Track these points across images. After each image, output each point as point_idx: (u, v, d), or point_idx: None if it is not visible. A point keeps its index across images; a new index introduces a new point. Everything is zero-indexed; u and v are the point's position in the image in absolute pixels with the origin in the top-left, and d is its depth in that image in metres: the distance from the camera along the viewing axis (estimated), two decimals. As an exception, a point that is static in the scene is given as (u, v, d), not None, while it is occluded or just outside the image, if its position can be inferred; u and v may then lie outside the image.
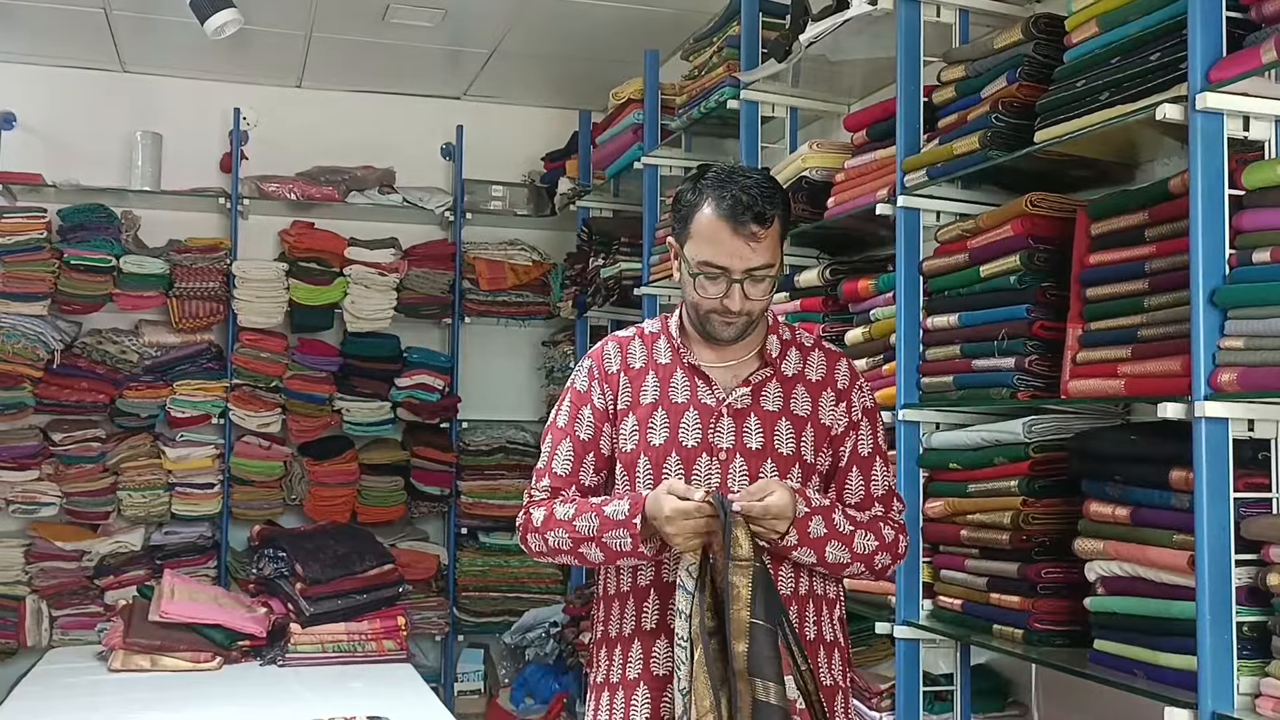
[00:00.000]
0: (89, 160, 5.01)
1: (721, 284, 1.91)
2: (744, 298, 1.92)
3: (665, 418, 1.98)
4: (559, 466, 2.05)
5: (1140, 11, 2.11)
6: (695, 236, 1.94)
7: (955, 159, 2.52)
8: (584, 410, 2.06)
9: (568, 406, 2.08)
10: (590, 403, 2.06)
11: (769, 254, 1.92)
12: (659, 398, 2.01)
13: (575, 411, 2.07)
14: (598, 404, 2.05)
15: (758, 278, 1.92)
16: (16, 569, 4.73)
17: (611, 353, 2.09)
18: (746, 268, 1.90)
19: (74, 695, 3.22)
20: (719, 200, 1.91)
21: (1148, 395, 2.07)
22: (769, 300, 1.98)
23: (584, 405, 2.06)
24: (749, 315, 1.95)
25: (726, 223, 1.89)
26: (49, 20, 4.50)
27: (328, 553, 3.77)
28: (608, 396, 2.05)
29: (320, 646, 3.60)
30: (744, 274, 1.90)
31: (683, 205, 1.97)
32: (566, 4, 4.28)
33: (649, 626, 1.98)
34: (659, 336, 2.07)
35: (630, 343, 2.09)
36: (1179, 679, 1.97)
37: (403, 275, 5.19)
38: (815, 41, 3.04)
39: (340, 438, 5.12)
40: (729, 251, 1.90)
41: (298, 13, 4.41)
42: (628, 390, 2.04)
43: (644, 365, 2.05)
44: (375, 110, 5.38)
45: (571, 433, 2.06)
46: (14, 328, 4.71)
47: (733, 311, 1.93)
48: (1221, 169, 1.94)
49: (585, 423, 2.05)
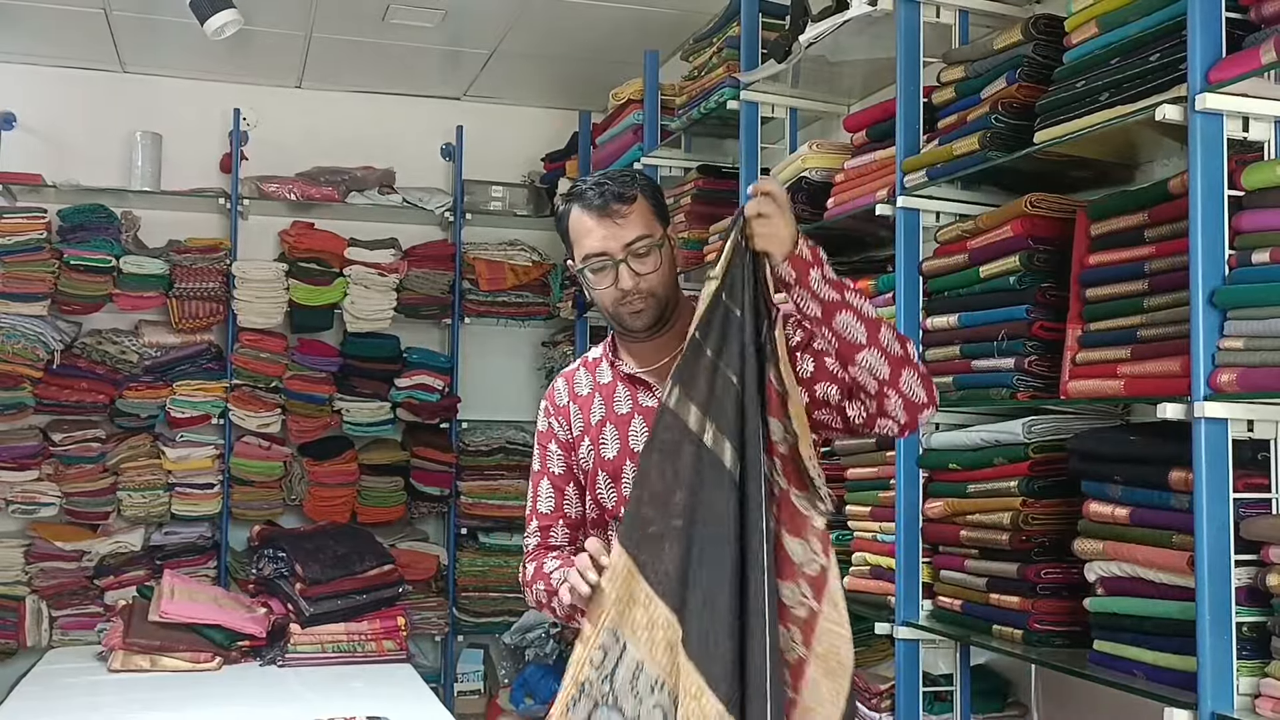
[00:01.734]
0: (89, 160, 5.01)
1: (609, 272, 1.95)
2: (633, 274, 1.94)
3: (614, 430, 2.04)
4: (543, 506, 2.13)
5: (1140, 12, 2.11)
6: (575, 241, 1.99)
7: (955, 159, 2.52)
8: (550, 446, 2.13)
9: (538, 450, 2.16)
10: (554, 438, 2.13)
11: (640, 227, 1.95)
12: (605, 414, 2.06)
13: (544, 452, 2.14)
14: (560, 436, 2.12)
15: (638, 252, 1.94)
16: (16, 569, 4.73)
17: (560, 388, 2.15)
18: (623, 244, 1.94)
19: (74, 695, 3.23)
20: (580, 199, 1.98)
21: (1147, 396, 2.07)
22: (668, 277, 1.99)
23: (549, 442, 2.13)
24: (651, 295, 1.96)
25: (591, 213, 1.95)
26: (49, 20, 4.50)
27: (328, 553, 3.77)
28: (563, 428, 2.11)
29: (320, 647, 3.60)
30: (623, 251, 1.94)
31: (560, 225, 2.04)
32: (566, 4, 4.28)
33: None
34: (600, 360, 2.12)
35: (575, 374, 2.15)
36: (1179, 679, 1.97)
37: (403, 275, 5.19)
38: (815, 42, 3.04)
39: (340, 438, 5.12)
40: (602, 235, 1.94)
41: (298, 13, 4.42)
42: (579, 416, 2.09)
43: (590, 390, 2.11)
44: (375, 110, 5.38)
45: (547, 471, 2.13)
46: (14, 328, 4.71)
47: (628, 292, 1.94)
48: (1221, 170, 1.94)
49: (555, 458, 2.12)
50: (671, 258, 2.01)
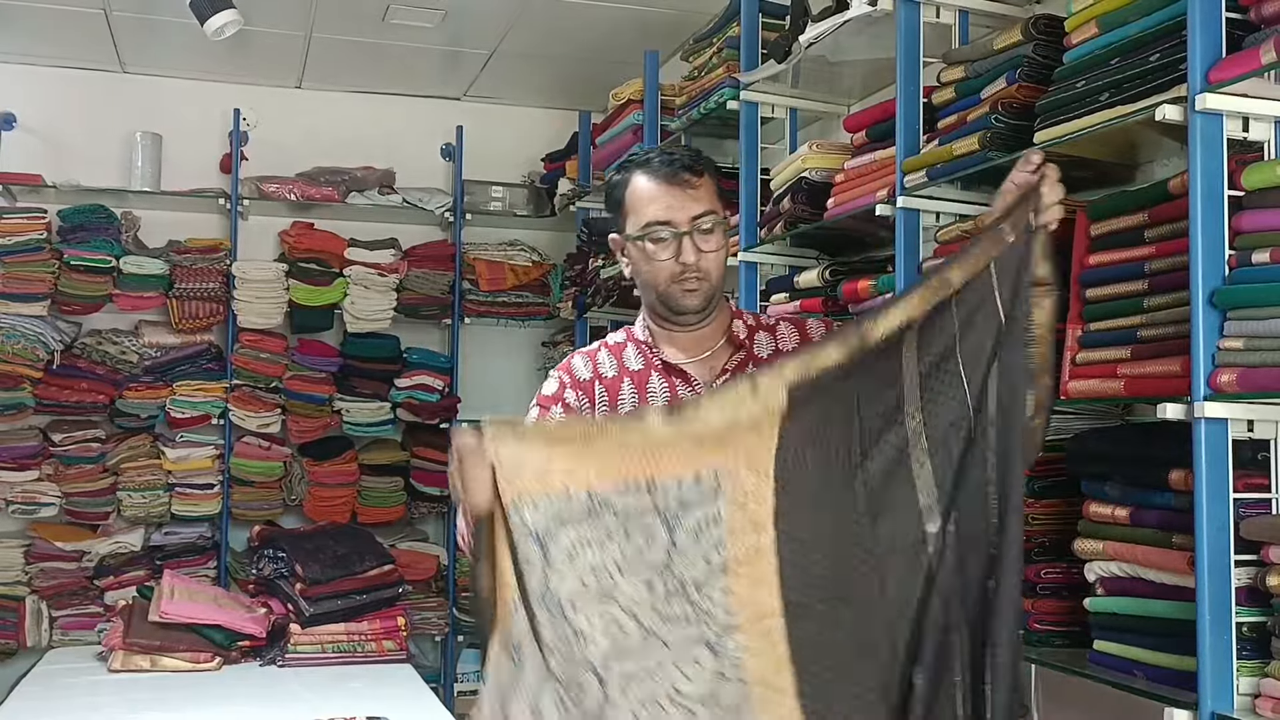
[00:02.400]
0: (89, 161, 5.01)
1: (671, 244, 1.89)
2: (697, 250, 1.88)
3: None
4: None
5: (1140, 12, 2.11)
6: (634, 209, 1.92)
7: (955, 160, 2.52)
8: (554, 409, 1.98)
9: (536, 409, 2.02)
10: (562, 401, 1.98)
11: (709, 201, 1.91)
12: (638, 404, 1.95)
13: (544, 411, 2.00)
14: (571, 404, 1.98)
15: (705, 228, 1.89)
16: (16, 569, 4.73)
17: (580, 365, 2.03)
18: (691, 216, 1.89)
19: (74, 696, 3.22)
20: (645, 166, 1.92)
21: (1147, 396, 2.07)
22: (723, 259, 1.93)
23: (554, 405, 1.99)
24: (708, 277, 1.91)
25: (659, 180, 1.90)
26: (49, 20, 4.50)
27: (327, 553, 3.77)
28: (583, 401, 1.98)
29: (320, 647, 3.60)
30: (690, 224, 1.88)
31: (615, 193, 1.97)
32: (566, 4, 4.28)
33: None
34: (625, 345, 2.04)
35: (597, 354, 2.04)
36: (1179, 679, 1.97)
37: (402, 276, 5.19)
38: (815, 42, 3.04)
39: (340, 438, 5.12)
40: (668, 204, 1.88)
41: (298, 13, 4.42)
42: (604, 399, 1.97)
43: (617, 374, 2.00)
44: (375, 111, 5.38)
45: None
46: (14, 328, 4.71)
47: (690, 268, 1.89)
48: (1221, 170, 1.94)
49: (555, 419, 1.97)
50: (727, 246, 1.95)
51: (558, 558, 1.58)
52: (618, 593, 1.59)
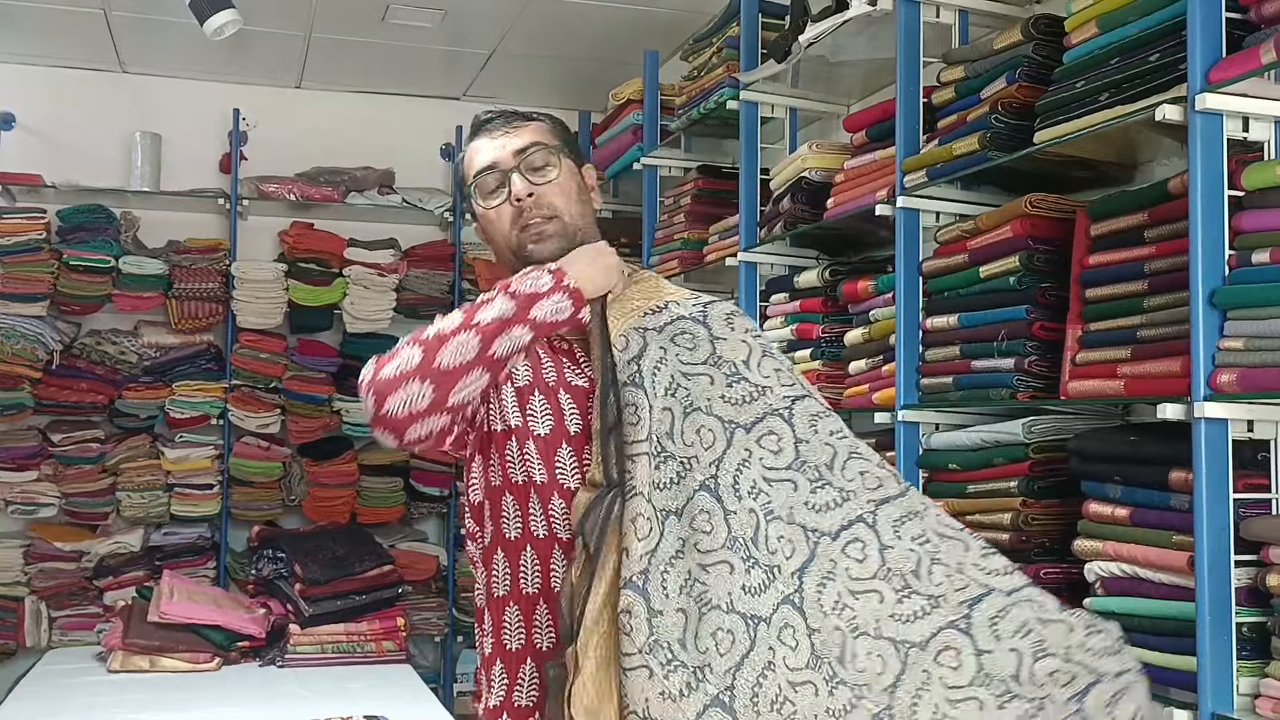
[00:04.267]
0: (88, 161, 5.00)
1: (502, 188, 1.71)
2: (528, 184, 1.70)
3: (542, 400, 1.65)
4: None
5: (1140, 12, 2.11)
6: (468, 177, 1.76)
7: (955, 160, 2.52)
8: None
9: None
10: None
11: (537, 134, 1.74)
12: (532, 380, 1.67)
13: None
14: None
15: (533, 161, 1.71)
16: (16, 570, 4.73)
17: None
18: (513, 150, 1.71)
19: (73, 696, 3.22)
20: (472, 131, 1.79)
21: (1147, 396, 2.07)
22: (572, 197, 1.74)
23: None
24: (554, 212, 1.71)
25: (480, 134, 1.77)
26: (49, 20, 4.50)
27: (327, 553, 3.77)
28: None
29: (319, 647, 3.60)
30: (515, 158, 1.71)
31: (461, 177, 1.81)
32: (566, 4, 4.28)
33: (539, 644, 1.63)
34: None
35: None
36: (1179, 679, 1.97)
37: (402, 276, 5.19)
38: (815, 42, 3.04)
39: (339, 438, 5.12)
40: (490, 149, 1.73)
41: (297, 13, 4.41)
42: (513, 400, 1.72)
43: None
44: (375, 111, 5.38)
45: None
46: (13, 328, 4.70)
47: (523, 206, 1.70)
48: (1221, 170, 1.94)
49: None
50: (580, 185, 1.77)
51: None
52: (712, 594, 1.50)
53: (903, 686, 1.47)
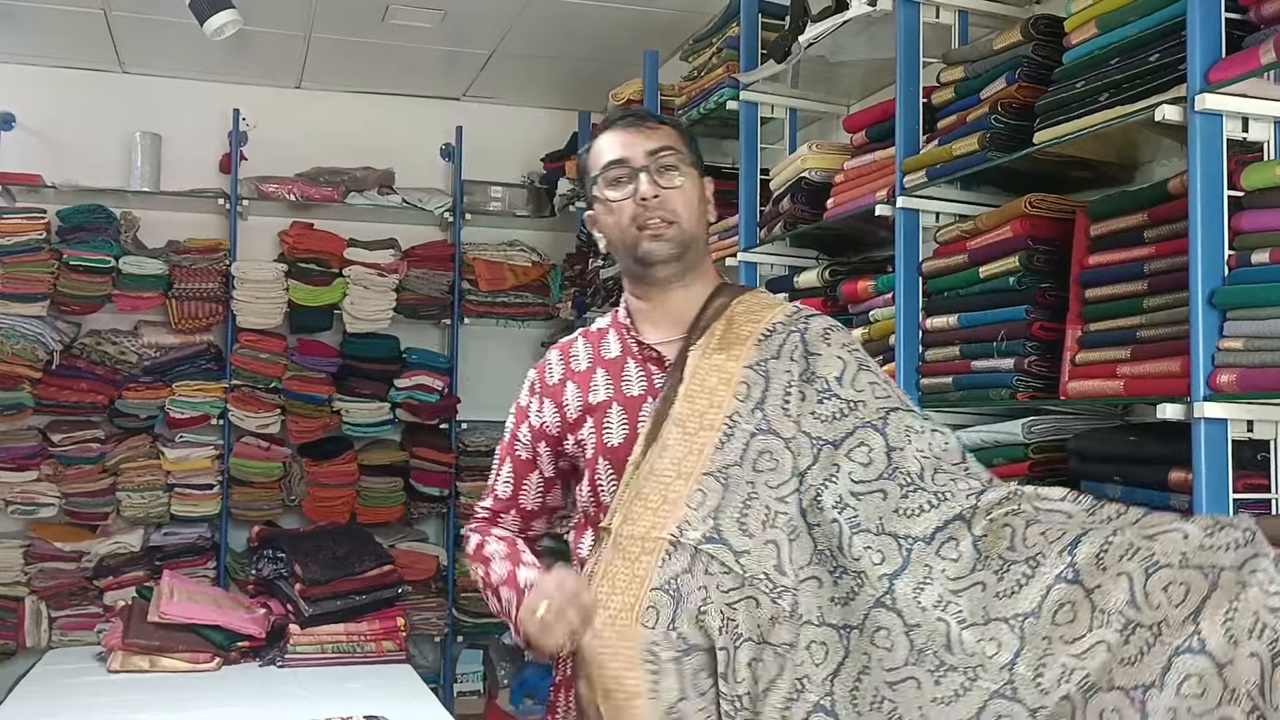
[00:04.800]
0: (88, 161, 5.01)
1: (628, 183, 1.77)
2: (655, 185, 1.76)
3: (622, 413, 1.80)
4: (500, 489, 1.96)
5: (1139, 13, 2.11)
6: (594, 165, 1.82)
7: (954, 160, 2.52)
8: (522, 428, 1.93)
9: (512, 422, 1.96)
10: (527, 420, 1.92)
11: (669, 139, 1.80)
12: (612, 394, 1.82)
13: (516, 428, 1.94)
14: (534, 421, 1.90)
15: (665, 163, 1.77)
16: (16, 570, 4.73)
17: (554, 361, 1.93)
18: (647, 149, 1.77)
19: (73, 696, 3.22)
20: (606, 123, 1.86)
21: (1147, 396, 2.07)
22: (694, 207, 1.80)
23: (523, 423, 1.93)
24: (676, 218, 1.77)
25: (616, 127, 1.82)
26: (49, 20, 4.50)
27: (327, 553, 3.76)
28: (547, 411, 1.89)
29: (319, 647, 3.59)
30: (648, 158, 1.77)
31: (581, 165, 1.90)
32: (566, 5, 4.28)
33: None
34: (606, 331, 1.90)
35: (573, 345, 1.93)
36: (1178, 680, 1.97)
37: (402, 276, 5.19)
38: (814, 42, 3.04)
39: (339, 438, 5.12)
40: (625, 143, 1.79)
41: (297, 13, 4.42)
42: (577, 395, 1.85)
43: (590, 365, 1.88)
44: (375, 111, 5.38)
45: (512, 451, 1.95)
46: (13, 328, 4.71)
47: (651, 205, 1.75)
48: (1220, 170, 1.94)
49: (523, 443, 1.93)
50: (701, 195, 1.82)
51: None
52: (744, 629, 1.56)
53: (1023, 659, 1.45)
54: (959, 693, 1.47)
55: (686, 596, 1.57)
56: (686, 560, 1.59)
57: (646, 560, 1.61)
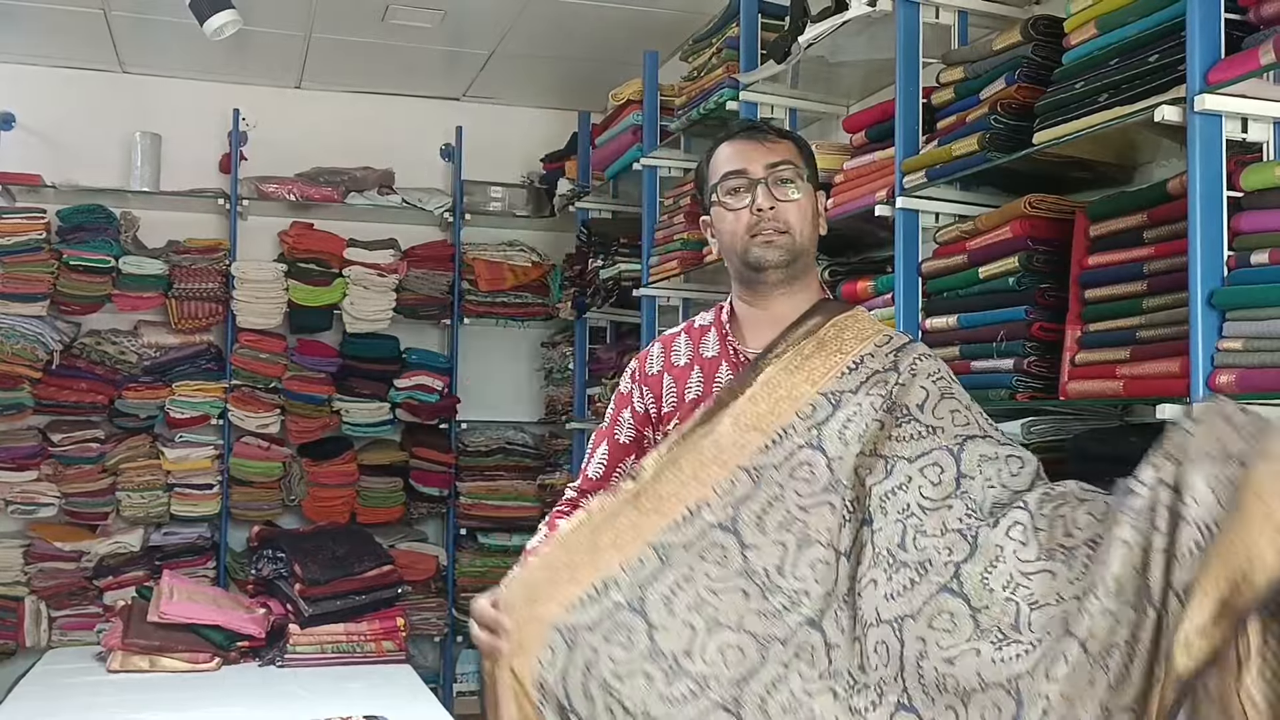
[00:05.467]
0: (88, 161, 5.01)
1: (746, 194, 1.86)
2: (771, 197, 1.85)
3: None
4: (592, 470, 2.03)
5: (1139, 13, 2.11)
6: (714, 173, 1.91)
7: (954, 160, 2.52)
8: (624, 413, 2.02)
9: (612, 409, 2.05)
10: (630, 405, 2.01)
11: (788, 153, 1.89)
12: (703, 393, 1.91)
13: (617, 414, 2.03)
14: (638, 407, 2.00)
15: (783, 176, 1.86)
16: (15, 569, 4.74)
17: (655, 353, 2.02)
18: (766, 163, 1.87)
19: (73, 696, 3.22)
20: (728, 134, 1.93)
21: (1146, 397, 2.07)
22: (808, 221, 1.90)
23: (625, 408, 2.02)
24: (789, 230, 1.86)
25: (738, 139, 1.90)
26: (49, 20, 4.50)
27: (326, 553, 3.77)
28: (648, 399, 1.99)
29: (319, 647, 3.59)
30: (766, 171, 1.86)
31: (699, 171, 1.97)
32: (566, 4, 4.28)
33: None
34: (709, 329, 1.98)
35: (675, 340, 2.02)
36: (1177, 680, 1.97)
37: (402, 276, 5.20)
38: (814, 43, 3.04)
39: (339, 438, 5.12)
40: (744, 155, 1.88)
41: (297, 13, 4.42)
42: (672, 390, 1.95)
43: (689, 361, 1.96)
44: (375, 111, 5.38)
45: (611, 435, 2.03)
46: (13, 328, 4.71)
47: (766, 216, 1.85)
48: (1220, 171, 1.94)
49: (625, 426, 2.01)
50: (814, 209, 1.92)
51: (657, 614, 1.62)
52: (722, 616, 1.61)
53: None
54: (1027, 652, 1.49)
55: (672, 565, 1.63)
56: (691, 535, 1.65)
57: (654, 520, 1.66)
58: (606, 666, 1.59)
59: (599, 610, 1.62)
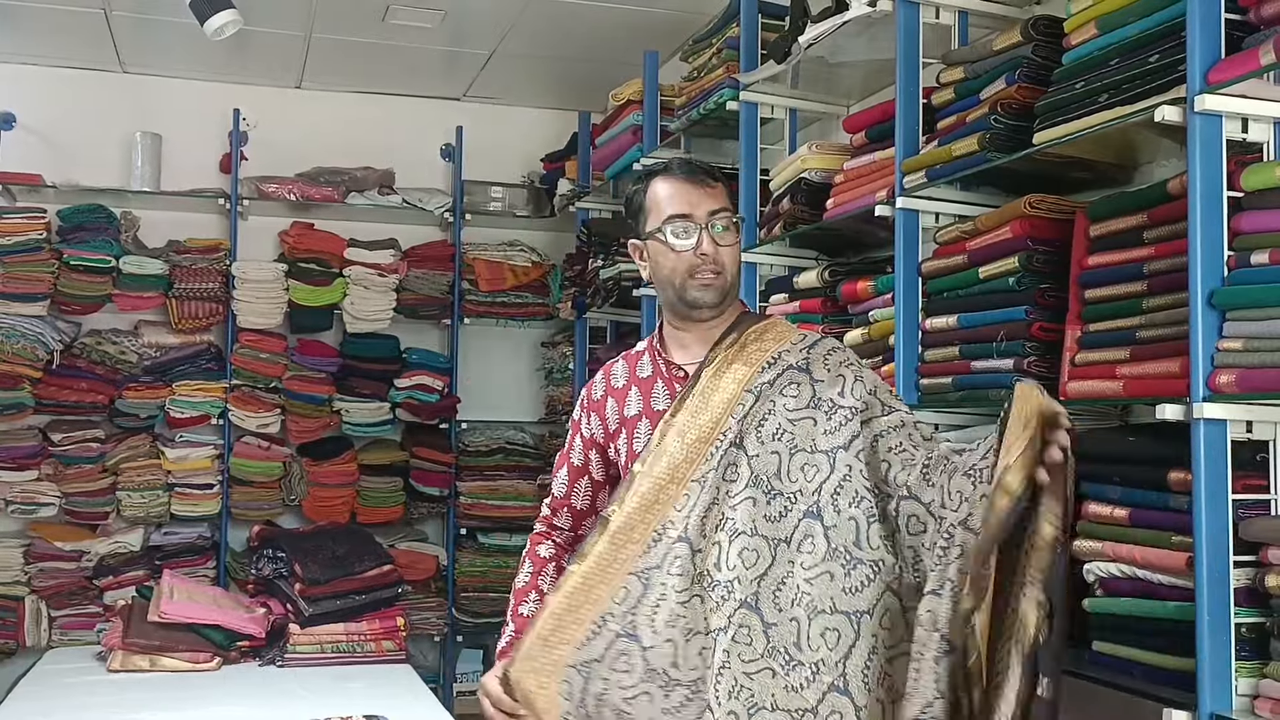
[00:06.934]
0: (89, 161, 5.01)
1: (691, 236, 1.99)
2: (714, 243, 1.99)
3: (649, 426, 2.03)
4: (556, 488, 2.22)
5: (1139, 13, 2.12)
6: (653, 208, 2.03)
7: (954, 160, 2.52)
8: (576, 439, 2.19)
9: (569, 432, 2.23)
10: (579, 432, 2.19)
11: (723, 199, 2.03)
12: (642, 409, 2.07)
13: (571, 439, 2.21)
14: (584, 432, 2.17)
15: (722, 224, 2.00)
16: (16, 569, 4.73)
17: (598, 381, 2.18)
18: (709, 210, 2.00)
19: (73, 696, 3.22)
20: (664, 172, 2.05)
21: (1146, 397, 2.07)
22: (738, 260, 2.05)
23: (576, 434, 2.20)
24: (724, 271, 2.01)
25: (679, 178, 2.03)
26: (49, 20, 4.50)
27: (326, 553, 3.77)
28: (594, 424, 2.15)
29: (319, 647, 3.60)
30: (708, 216, 2.00)
31: (634, 199, 2.09)
32: (566, 5, 4.28)
33: None
34: (643, 354, 2.14)
35: (613, 366, 2.18)
36: (1178, 680, 1.97)
37: (402, 276, 5.20)
38: (814, 43, 3.04)
39: (339, 438, 5.12)
40: (688, 199, 2.01)
41: (298, 13, 4.42)
42: (615, 411, 2.11)
43: (626, 383, 2.12)
44: (375, 111, 5.38)
45: (568, 459, 2.21)
46: (13, 328, 4.71)
47: (708, 258, 1.98)
48: (1220, 171, 1.94)
49: (577, 450, 2.19)
50: (741, 249, 2.09)
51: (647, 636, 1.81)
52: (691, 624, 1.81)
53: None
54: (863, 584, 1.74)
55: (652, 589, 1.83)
56: (660, 556, 1.85)
57: (630, 549, 1.87)
58: (617, 694, 1.80)
59: (603, 642, 1.83)
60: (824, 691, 1.71)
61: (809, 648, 1.73)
